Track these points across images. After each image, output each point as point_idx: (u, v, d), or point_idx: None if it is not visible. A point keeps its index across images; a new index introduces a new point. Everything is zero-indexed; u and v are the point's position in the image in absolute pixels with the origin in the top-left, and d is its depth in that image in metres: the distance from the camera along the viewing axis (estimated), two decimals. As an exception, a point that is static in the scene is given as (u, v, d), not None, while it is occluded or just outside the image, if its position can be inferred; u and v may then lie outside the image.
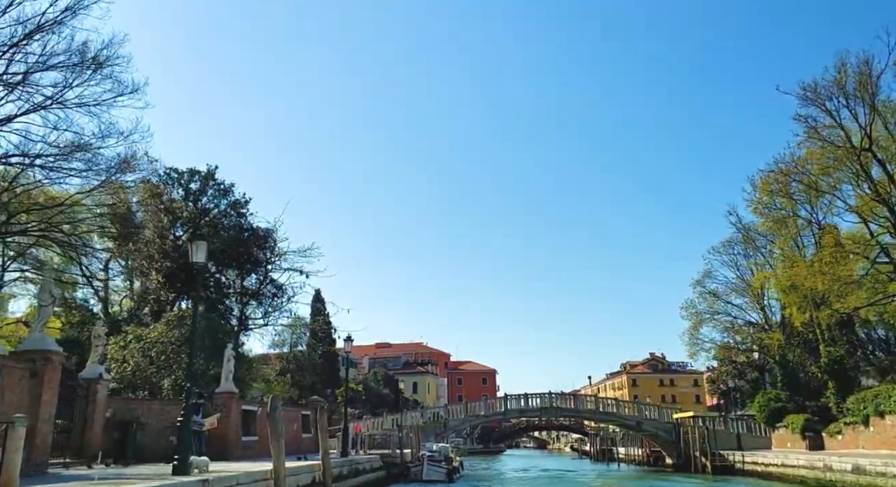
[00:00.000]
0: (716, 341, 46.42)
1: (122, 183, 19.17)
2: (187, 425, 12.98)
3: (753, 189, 38.54)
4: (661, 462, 50.13)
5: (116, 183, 18.61)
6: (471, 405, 49.18)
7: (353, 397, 62.89)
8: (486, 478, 39.30)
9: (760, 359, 62.53)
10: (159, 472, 13.41)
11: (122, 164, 17.97)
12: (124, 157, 17.85)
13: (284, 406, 37.42)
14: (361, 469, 25.29)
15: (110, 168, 17.74)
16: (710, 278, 46.10)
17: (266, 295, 31.86)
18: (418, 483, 31.44)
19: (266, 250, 31.45)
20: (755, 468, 37.19)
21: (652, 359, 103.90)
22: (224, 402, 24.65)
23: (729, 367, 64.49)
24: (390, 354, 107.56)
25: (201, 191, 31.78)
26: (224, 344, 28.40)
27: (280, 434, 14.97)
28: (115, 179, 18.49)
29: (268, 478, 14.77)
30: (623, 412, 46.87)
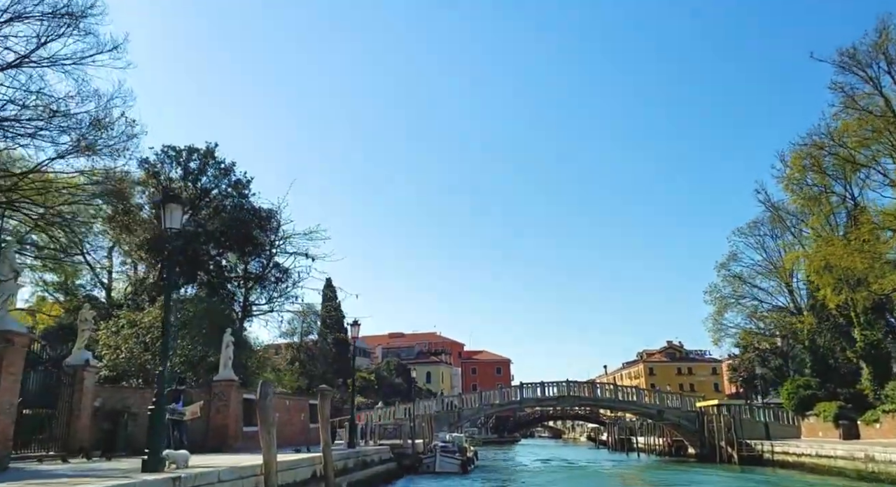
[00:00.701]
0: (741, 326, 44.10)
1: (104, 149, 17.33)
2: (159, 414, 11.23)
3: (783, 165, 36.31)
4: (683, 452, 48.13)
5: (94, 145, 16.79)
6: (485, 393, 47.39)
7: (365, 386, 61.51)
8: (503, 470, 37.49)
9: (784, 346, 60.27)
10: (138, 467, 11.70)
11: (93, 124, 16.14)
12: (95, 116, 16.06)
13: (293, 395, 35.95)
14: (369, 462, 23.55)
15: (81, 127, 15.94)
16: (735, 261, 43.85)
17: (270, 279, 30.10)
18: (431, 476, 29.72)
19: (269, 232, 29.68)
20: (786, 458, 35.10)
21: (669, 348, 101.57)
22: (223, 391, 23.01)
23: (752, 354, 62.31)
24: (404, 344, 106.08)
25: (201, 170, 30.06)
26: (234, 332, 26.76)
27: (271, 424, 13.16)
28: (90, 142, 16.70)
29: (258, 474, 13.00)
30: (644, 400, 44.84)
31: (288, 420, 29.18)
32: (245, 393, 24.88)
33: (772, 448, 36.91)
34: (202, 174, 30.24)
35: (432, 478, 28.65)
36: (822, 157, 33.84)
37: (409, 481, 26.90)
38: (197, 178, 30.04)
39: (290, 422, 29.40)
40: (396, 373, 71.26)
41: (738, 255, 43.68)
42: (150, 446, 10.92)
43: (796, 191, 35.14)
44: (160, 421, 11.23)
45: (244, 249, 29.01)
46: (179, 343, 23.41)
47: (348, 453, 21.50)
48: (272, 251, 31.77)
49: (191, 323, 23.77)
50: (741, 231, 43.53)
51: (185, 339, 23.40)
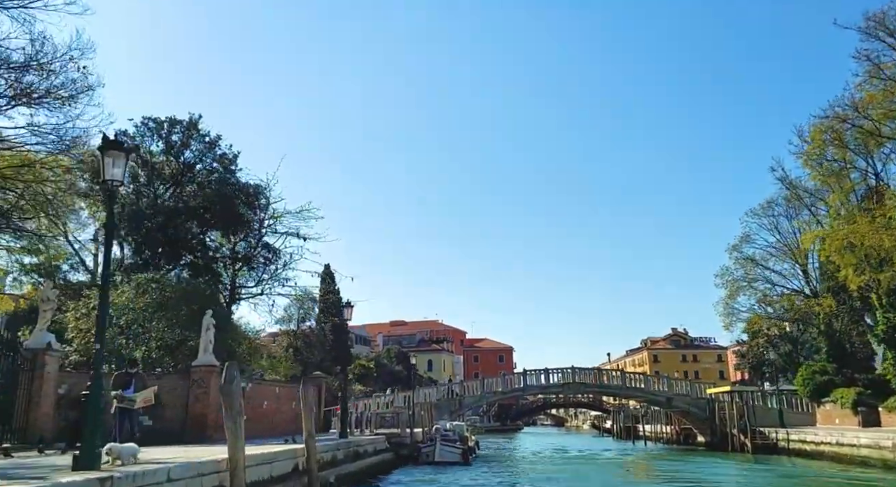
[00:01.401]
0: (753, 310, 42.17)
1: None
2: (94, 401, 9.32)
3: (801, 141, 34.25)
4: (692, 440, 46.36)
5: (30, 90, 14.77)
6: (487, 381, 45.60)
7: (364, 374, 59.77)
8: (506, 459, 35.70)
9: (795, 331, 58.38)
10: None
11: (29, 65, 14.10)
12: (31, 55, 14.00)
13: (285, 382, 34.08)
14: (362, 452, 21.72)
15: (17, 69, 13.92)
16: (747, 243, 41.88)
17: (258, 260, 28.17)
18: (430, 466, 27.92)
19: (257, 210, 27.74)
20: (802, 447, 33.28)
21: (674, 335, 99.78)
22: (203, 377, 21.13)
23: (761, 340, 60.40)
24: (405, 332, 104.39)
25: (184, 143, 28.09)
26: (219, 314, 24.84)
27: (238, 413, 11.28)
28: (25, 86, 14.66)
29: (222, 470, 11.13)
30: (652, 387, 43.01)
31: (277, 409, 27.39)
32: (229, 380, 23.07)
33: (787, 436, 35.10)
34: (185, 148, 28.28)
35: (431, 469, 26.85)
36: (843, 131, 31.82)
37: (405, 472, 25.08)
38: (180, 152, 28.08)
39: (279, 411, 27.61)
40: (397, 361, 69.49)
41: (751, 237, 41.76)
42: (83, 439, 9.03)
43: (816, 167, 33.09)
44: (95, 410, 9.32)
45: (230, 227, 27.07)
46: (155, 325, 21.51)
47: (338, 443, 19.66)
48: (261, 230, 29.85)
49: (169, 304, 21.84)
50: (754, 212, 41.57)
51: (161, 322, 21.48)
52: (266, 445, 17.07)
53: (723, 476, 26.55)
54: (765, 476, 26.03)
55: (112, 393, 12.03)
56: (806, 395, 38.88)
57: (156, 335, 21.57)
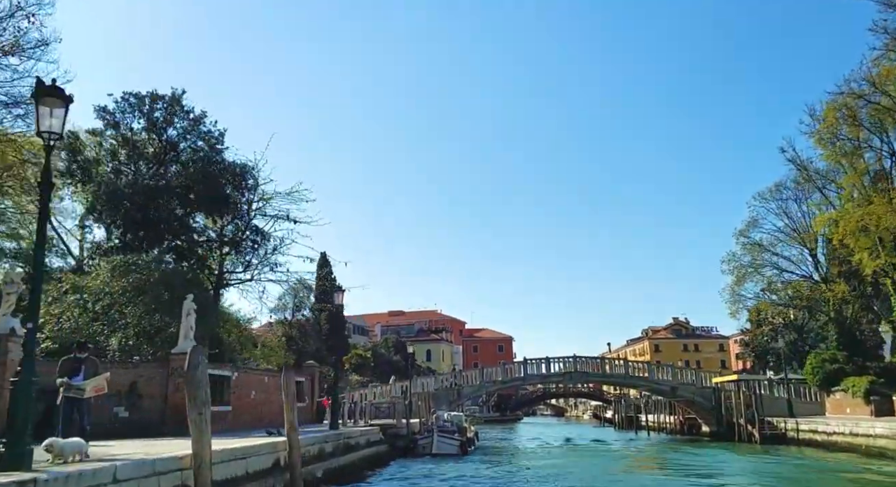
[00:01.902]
0: (760, 297, 40.83)
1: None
2: (23, 389, 7.94)
3: (813, 119, 32.81)
4: (696, 430, 45.10)
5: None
6: (487, 370, 44.29)
7: (361, 364, 58.52)
8: (505, 451, 34.39)
9: (799, 319, 57.09)
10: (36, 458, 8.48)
11: None
12: None
13: (276, 371, 32.67)
14: (354, 445, 20.37)
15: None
16: (755, 227, 40.47)
17: (246, 243, 26.69)
18: (427, 459, 26.62)
19: (245, 191, 26.24)
20: (813, 437, 32.01)
21: (675, 324, 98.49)
22: (182, 365, 19.72)
23: (765, 328, 59.14)
24: (404, 322, 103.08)
25: (167, 120, 26.56)
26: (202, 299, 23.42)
27: (203, 403, 9.92)
28: None
29: (185, 468, 9.75)
30: (657, 376, 41.69)
31: (266, 400, 26.03)
32: (213, 368, 21.65)
33: (797, 426, 33.83)
34: (169, 125, 26.76)
35: (428, 461, 25.54)
36: (858, 108, 30.42)
37: (401, 465, 23.74)
38: (163, 130, 26.56)
39: (268, 401, 26.24)
40: (395, 351, 68.18)
41: (758, 221, 40.42)
42: (8, 433, 7.64)
43: (829, 146, 31.65)
44: (24, 399, 7.93)
45: (216, 209, 25.58)
46: (132, 310, 20.09)
47: (327, 436, 18.30)
48: (250, 213, 28.35)
49: (147, 288, 20.41)
50: (762, 195, 40.16)
51: (139, 307, 20.06)
52: (248, 438, 15.75)
53: (736, 470, 25.21)
54: (784, 469, 24.62)
55: (58, 380, 10.63)
56: (815, 384, 37.60)
57: (133, 321, 20.15)
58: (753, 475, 22.83)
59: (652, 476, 23.07)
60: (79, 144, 24.63)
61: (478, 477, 20.24)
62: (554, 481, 19.69)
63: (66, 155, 24.76)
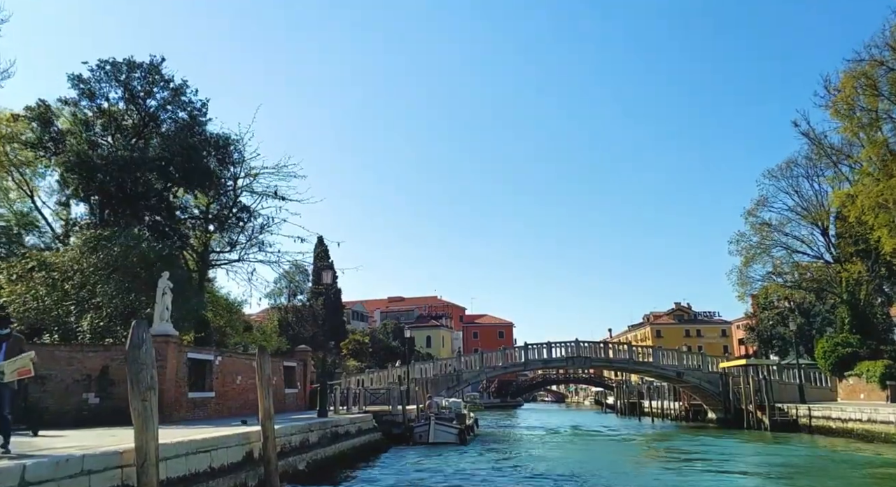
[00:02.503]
0: (771, 279, 39.17)
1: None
2: None
3: (828, 91, 30.98)
4: (702, 416, 43.68)
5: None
6: (487, 355, 42.75)
7: (358, 350, 57.07)
8: (506, 439, 32.89)
9: (806, 303, 55.50)
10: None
11: None
12: None
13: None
14: (343, 433, 18.81)
15: None
16: (764, 206, 38.67)
17: (231, 220, 25.02)
18: (423, 447, 25.12)
19: (229, 165, 24.54)
20: (827, 424, 30.48)
21: (677, 310, 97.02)
22: (158, 348, 18.05)
23: (771, 313, 57.65)
24: (403, 308, 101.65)
25: (147, 91, 24.81)
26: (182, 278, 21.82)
27: (148, 388, 8.31)
28: None
29: (125, 465, 8.17)
30: (662, 361, 40.14)
31: (255, 386, 24.45)
32: (191, 352, 20.12)
33: (809, 412, 32.31)
34: (149, 96, 25.01)
35: (424, 451, 24.03)
36: (878, 77, 28.60)
37: (395, 455, 22.20)
38: (142, 101, 24.82)
39: (256, 387, 24.73)
40: (393, 336, 66.69)
41: (768, 200, 38.54)
42: None
43: (846, 118, 29.85)
44: None
45: (198, 184, 23.89)
46: (102, 289, 18.48)
47: (312, 424, 16.73)
48: (236, 189, 26.70)
49: (120, 265, 18.79)
50: (772, 173, 38.30)
51: (110, 285, 18.44)
52: (223, 427, 14.22)
53: (749, 460, 23.67)
54: (803, 460, 23.07)
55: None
56: (827, 369, 36.06)
57: (105, 300, 18.54)
58: (769, 466, 21.28)
59: (661, 466, 21.53)
60: (50, 114, 22.92)
61: (477, 471, 18.71)
62: (558, 474, 18.15)
63: (37, 125, 23.08)
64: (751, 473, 19.92)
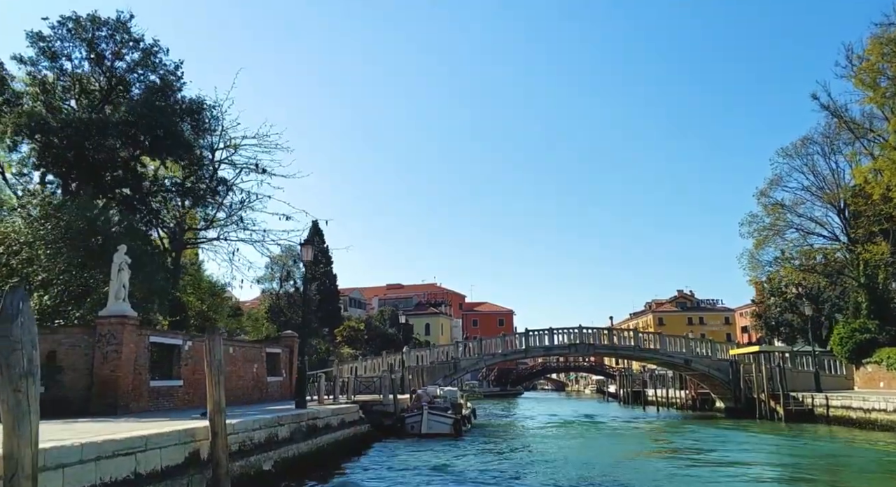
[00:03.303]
0: (782, 263, 36.97)
1: None
2: None
3: (849, 61, 28.63)
4: (710, 406, 41.60)
5: None
6: (486, 342, 40.67)
7: (354, 337, 55.03)
8: (504, 431, 30.77)
9: (814, 289, 53.37)
10: None
11: None
12: None
13: (249, 342, 29.01)
14: (322, 427, 16.67)
15: None
16: (778, 186, 36.46)
17: (206, 194, 22.78)
18: (415, 440, 23.04)
19: (203, 132, 22.27)
20: (846, 414, 28.39)
21: (680, 297, 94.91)
22: (113, 331, 16.07)
23: (779, 299, 55.42)
24: (402, 295, 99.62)
25: (116, 53, 22.50)
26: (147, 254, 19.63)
27: (23, 375, 6.15)
28: None
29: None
30: (669, 348, 38.02)
31: (232, 373, 22.38)
32: (155, 336, 17.96)
33: (826, 401, 30.19)
34: (119, 58, 22.70)
35: (416, 444, 21.94)
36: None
37: (383, 450, 20.08)
38: (110, 63, 22.51)
39: (235, 375, 22.64)
40: (390, 323, 64.64)
41: (782, 179, 36.32)
42: None
43: (871, 88, 27.51)
44: None
45: (169, 152, 21.63)
46: (48, 263, 16.28)
47: (284, 416, 14.55)
48: (214, 161, 24.46)
49: (69, 237, 16.58)
50: (786, 151, 36.06)
51: (59, 259, 16.25)
52: (179, 421, 12.07)
53: (770, 454, 21.57)
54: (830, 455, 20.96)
55: None
56: (843, 356, 33.96)
57: (53, 276, 16.36)
58: (790, 460, 19.17)
59: (674, 461, 19.43)
60: (3, 73, 20.64)
61: (471, 467, 16.60)
62: (562, 471, 16.04)
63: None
64: (773, 468, 17.86)
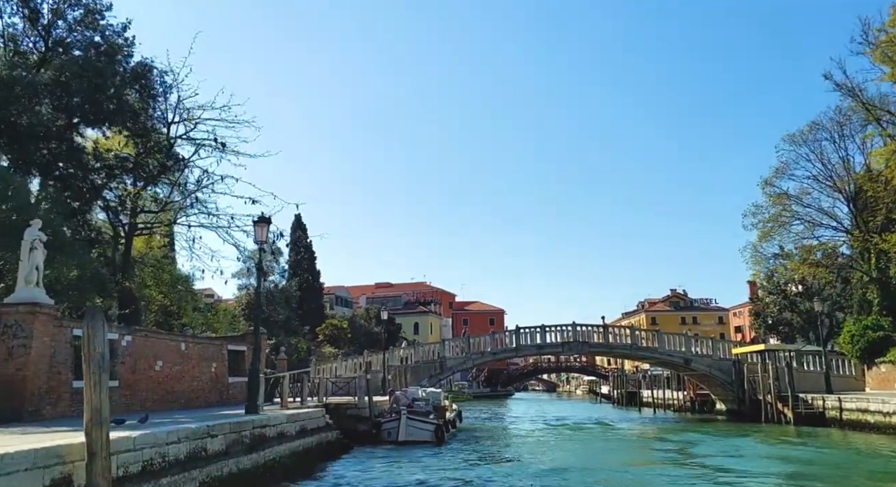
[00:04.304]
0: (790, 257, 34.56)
1: None
2: None
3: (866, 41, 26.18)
4: (710, 408, 39.11)
5: None
6: (474, 340, 37.99)
7: (336, 335, 52.25)
8: (492, 437, 27.91)
9: (814, 286, 51.18)
10: None
11: None
12: None
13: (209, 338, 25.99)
14: (273, 437, 13.88)
15: None
16: (784, 175, 34.01)
17: (156, 171, 19.97)
18: (392, 449, 20.32)
19: (152, 100, 19.47)
20: (863, 418, 25.88)
21: (673, 296, 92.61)
22: (20, 321, 13.33)
23: (777, 297, 53.13)
24: (391, 293, 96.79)
25: (54, 11, 19.67)
26: (81, 238, 16.86)
27: None
28: None
29: None
30: (667, 346, 35.48)
31: (183, 373, 19.57)
32: (79, 328, 15.12)
33: (839, 404, 27.65)
34: (59, 17, 19.87)
35: (391, 454, 19.21)
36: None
37: (349, 463, 17.27)
38: (48, 22, 19.67)
39: (187, 375, 19.81)
40: (376, 321, 61.77)
41: (787, 168, 33.88)
42: None
43: (892, 62, 25.04)
44: None
45: (111, 121, 18.81)
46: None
47: (219, 425, 11.75)
48: (170, 137, 21.66)
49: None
50: (793, 138, 33.59)
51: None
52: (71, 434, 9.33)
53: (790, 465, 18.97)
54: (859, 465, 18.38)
55: None
56: (854, 355, 31.52)
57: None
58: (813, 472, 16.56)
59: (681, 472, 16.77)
60: None
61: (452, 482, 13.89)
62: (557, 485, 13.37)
63: None
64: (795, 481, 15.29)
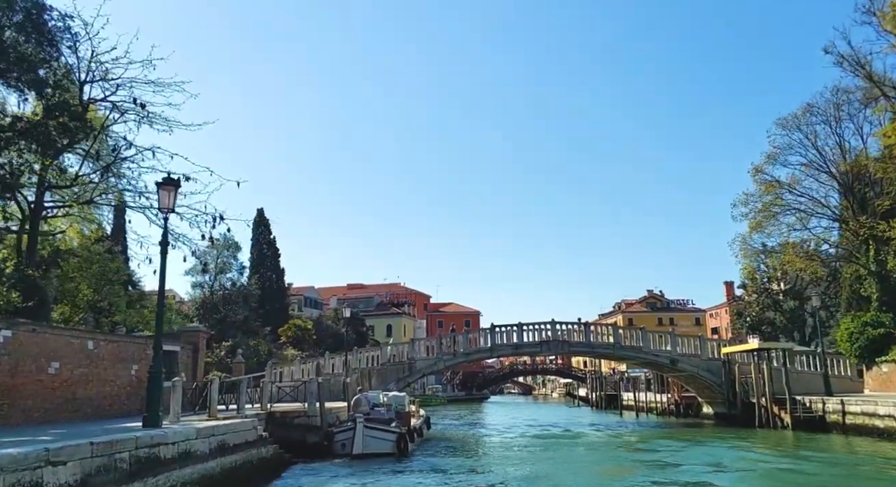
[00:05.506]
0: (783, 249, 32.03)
1: None
2: None
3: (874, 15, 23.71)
4: (695, 411, 36.43)
5: None
6: (446, 340, 34.81)
7: (300, 337, 48.65)
8: (462, 447, 24.58)
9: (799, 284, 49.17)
10: None
11: None
12: None
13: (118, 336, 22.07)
14: (173, 458, 10.51)
15: None
16: (775, 161, 31.55)
17: (59, 134, 16.48)
18: (343, 465, 17.05)
19: (47, 45, 16.01)
20: (869, 422, 23.26)
21: (650, 297, 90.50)
22: None
23: (761, 296, 50.93)
24: (363, 295, 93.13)
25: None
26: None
27: None
28: None
29: None
30: (653, 346, 32.70)
31: (88, 376, 16.03)
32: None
33: (842, 407, 25.01)
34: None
35: (344, 468, 15.96)
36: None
37: (289, 483, 14.00)
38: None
39: (95, 379, 16.29)
40: (345, 323, 58.26)
41: (780, 153, 31.39)
42: None
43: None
44: None
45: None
46: None
47: (72, 447, 8.36)
48: (82, 97, 18.22)
49: None
50: (785, 122, 31.12)
51: None
52: None
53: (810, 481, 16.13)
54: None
55: None
56: (853, 354, 29.04)
57: None
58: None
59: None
60: None
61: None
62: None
63: None
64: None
